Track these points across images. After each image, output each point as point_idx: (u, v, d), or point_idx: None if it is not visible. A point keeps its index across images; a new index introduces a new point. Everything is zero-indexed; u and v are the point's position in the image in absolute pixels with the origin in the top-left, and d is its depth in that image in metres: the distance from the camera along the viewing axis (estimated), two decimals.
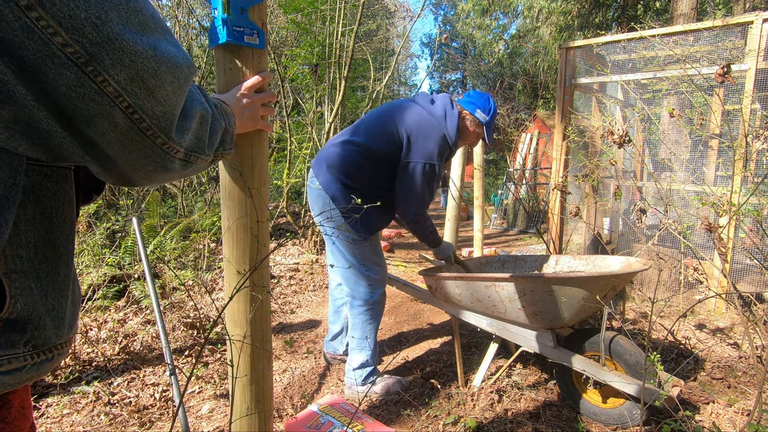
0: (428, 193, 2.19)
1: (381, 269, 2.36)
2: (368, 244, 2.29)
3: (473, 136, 2.32)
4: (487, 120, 2.26)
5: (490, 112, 2.26)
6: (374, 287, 2.32)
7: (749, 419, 1.63)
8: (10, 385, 0.64)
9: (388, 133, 2.14)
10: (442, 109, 2.20)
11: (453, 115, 2.19)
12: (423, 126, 2.13)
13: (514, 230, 8.80)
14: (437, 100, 2.25)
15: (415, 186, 2.13)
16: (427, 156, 2.11)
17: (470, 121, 2.27)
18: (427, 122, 2.14)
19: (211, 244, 4.69)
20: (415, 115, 2.16)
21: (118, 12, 0.57)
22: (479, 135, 2.32)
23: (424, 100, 2.25)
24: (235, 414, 1.17)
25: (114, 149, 0.65)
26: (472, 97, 2.29)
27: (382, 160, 2.16)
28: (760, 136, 2.15)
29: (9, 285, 0.61)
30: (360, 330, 2.34)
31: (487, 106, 2.26)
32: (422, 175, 2.12)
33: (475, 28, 22.45)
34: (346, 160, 2.18)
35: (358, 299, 2.32)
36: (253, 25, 1.05)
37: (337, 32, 5.32)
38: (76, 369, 2.49)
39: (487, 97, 2.29)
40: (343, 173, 2.18)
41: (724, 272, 2.63)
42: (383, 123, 2.19)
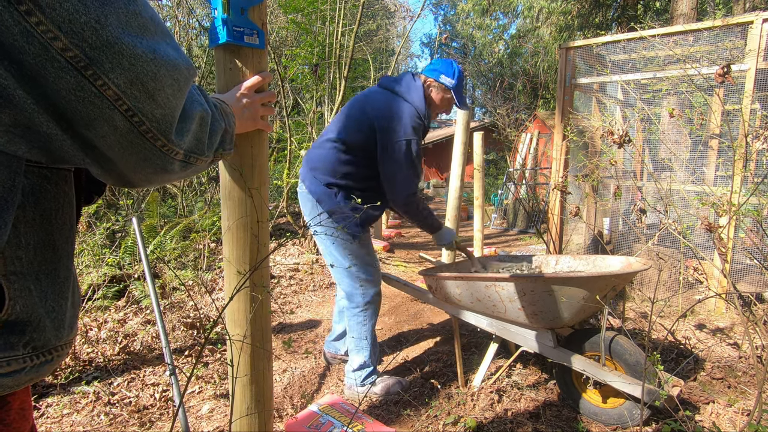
0: (413, 171, 2.15)
1: (373, 270, 2.34)
2: (358, 243, 2.27)
3: (444, 103, 2.30)
4: (453, 84, 2.24)
5: (455, 75, 2.23)
6: (366, 288, 2.31)
7: (749, 419, 1.63)
8: (9, 387, 0.64)
9: (360, 123, 2.15)
10: (405, 86, 2.20)
11: (417, 87, 2.19)
12: (391, 106, 2.13)
13: (514, 230, 8.81)
14: (401, 78, 2.25)
15: (397, 166, 2.11)
16: (401, 134, 2.09)
17: (437, 88, 2.26)
18: (394, 102, 2.15)
19: (211, 244, 4.69)
20: (381, 98, 2.17)
21: (118, 15, 0.57)
22: (450, 100, 2.30)
23: (387, 82, 2.26)
24: (235, 414, 1.17)
25: (114, 151, 0.65)
26: (434, 64, 2.27)
27: (360, 151, 2.16)
28: (760, 136, 2.15)
29: (8, 287, 0.61)
30: (356, 331, 2.34)
31: (450, 70, 2.24)
32: (402, 153, 2.10)
33: (475, 28, 22.45)
34: (327, 159, 2.19)
35: (352, 301, 2.32)
36: (253, 25, 1.05)
37: (337, 32, 5.32)
38: (76, 369, 2.49)
39: (450, 62, 2.27)
40: (326, 173, 2.19)
41: (724, 272, 2.63)
42: (354, 114, 2.19)
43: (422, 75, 2.27)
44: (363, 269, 2.29)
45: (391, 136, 2.10)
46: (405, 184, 2.16)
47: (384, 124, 2.10)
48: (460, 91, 2.28)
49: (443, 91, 2.26)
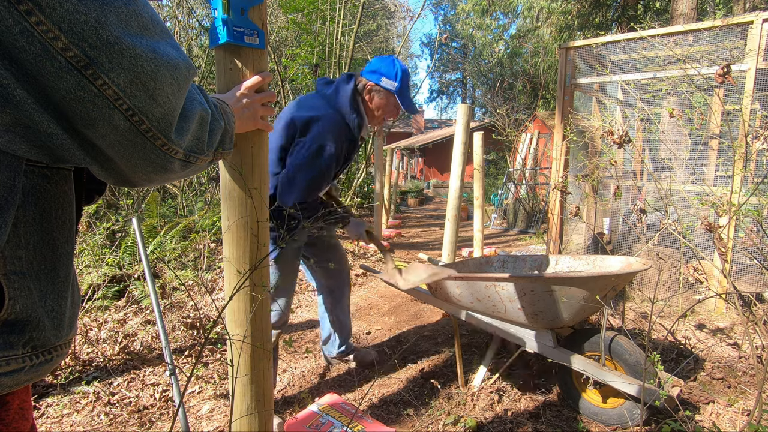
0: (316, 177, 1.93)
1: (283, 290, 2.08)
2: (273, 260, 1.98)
3: (388, 108, 2.08)
4: (396, 87, 2.02)
5: (396, 76, 2.02)
6: None
7: (749, 419, 1.63)
8: (8, 386, 0.64)
9: (286, 127, 1.98)
10: (334, 89, 2.03)
11: (346, 91, 2.00)
12: (313, 108, 1.97)
13: (514, 230, 8.81)
14: (334, 81, 2.09)
15: (295, 166, 1.91)
16: (315, 136, 1.91)
17: (378, 92, 2.05)
18: (318, 104, 1.99)
19: (211, 244, 4.69)
20: (308, 101, 2.03)
21: (117, 15, 0.57)
22: (395, 104, 2.07)
23: (319, 85, 2.10)
24: (235, 414, 1.17)
25: (114, 151, 0.65)
26: (373, 65, 2.07)
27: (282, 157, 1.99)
28: (760, 136, 2.15)
29: (8, 286, 0.61)
30: None
31: (392, 71, 2.02)
32: (309, 154, 1.90)
33: (475, 28, 22.47)
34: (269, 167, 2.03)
35: None
36: (253, 25, 1.05)
37: (337, 32, 5.33)
38: (76, 369, 2.50)
39: (391, 60, 2.06)
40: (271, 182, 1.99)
41: (724, 272, 2.64)
42: (283, 119, 2.02)
43: (361, 78, 2.07)
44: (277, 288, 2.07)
45: (305, 137, 1.93)
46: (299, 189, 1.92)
47: (303, 127, 1.94)
48: (405, 93, 2.07)
49: (386, 95, 2.05)
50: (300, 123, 1.94)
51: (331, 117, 1.96)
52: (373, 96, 2.07)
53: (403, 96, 2.07)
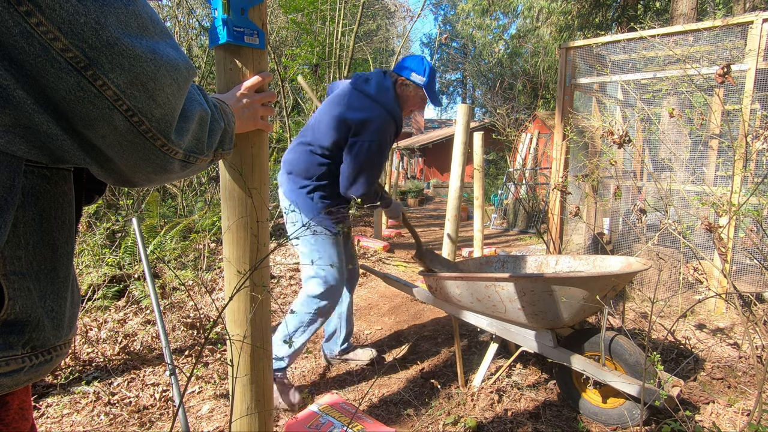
0: (374, 171, 2.16)
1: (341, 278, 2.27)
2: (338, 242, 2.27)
3: (416, 101, 2.29)
4: (425, 81, 2.23)
5: (425, 72, 2.22)
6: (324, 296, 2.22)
7: (749, 419, 1.63)
8: (8, 386, 0.64)
9: (332, 124, 2.15)
10: (375, 86, 2.19)
11: (386, 87, 2.19)
12: (361, 106, 2.13)
13: (514, 230, 8.81)
14: (371, 77, 2.24)
15: (359, 164, 2.11)
16: (372, 134, 2.10)
17: (408, 86, 2.25)
18: (364, 102, 2.15)
19: (211, 244, 4.69)
20: (352, 98, 2.17)
21: (117, 16, 0.57)
22: (422, 98, 2.29)
23: (357, 82, 2.25)
24: (235, 414, 1.17)
25: (114, 151, 0.65)
26: (405, 62, 2.27)
27: (335, 150, 2.17)
28: (760, 136, 2.15)
29: (7, 286, 0.61)
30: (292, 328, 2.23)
31: (421, 67, 2.23)
32: (366, 152, 2.10)
33: (475, 28, 22.46)
34: (302, 162, 2.21)
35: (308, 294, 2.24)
36: (253, 25, 1.05)
37: (337, 32, 5.33)
38: (76, 369, 2.50)
39: (420, 59, 2.26)
40: (303, 176, 2.20)
41: (724, 272, 2.63)
42: (326, 115, 2.20)
43: (393, 73, 2.27)
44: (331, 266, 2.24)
45: (359, 135, 2.11)
46: (363, 184, 2.15)
47: (354, 124, 2.11)
48: (432, 88, 2.27)
49: (415, 89, 2.26)
50: (354, 123, 2.11)
51: (382, 116, 2.13)
52: (403, 90, 2.26)
53: (430, 90, 2.26)
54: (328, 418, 1.99)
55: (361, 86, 2.22)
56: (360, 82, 2.24)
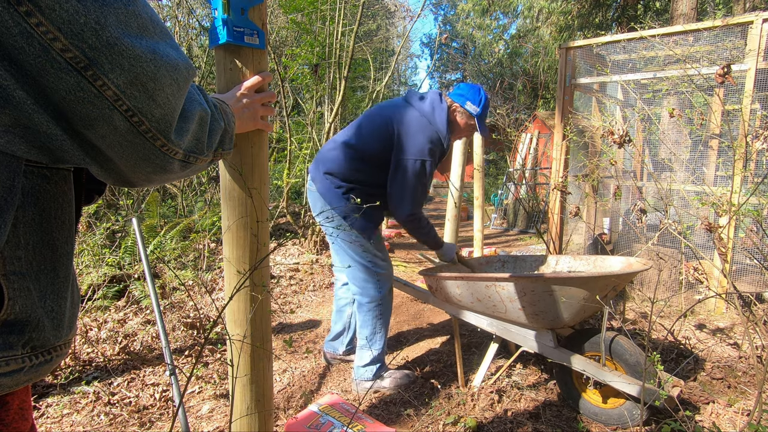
0: (421, 191, 2.17)
1: (387, 264, 2.37)
2: (373, 242, 2.29)
3: (466, 129, 2.31)
4: (478, 112, 2.24)
5: (480, 103, 2.24)
6: (382, 282, 2.33)
7: (749, 419, 1.63)
8: (8, 387, 0.64)
9: (381, 134, 2.16)
10: (430, 106, 2.20)
11: (442, 110, 2.19)
12: (413, 123, 2.14)
13: (514, 230, 8.80)
14: (426, 97, 2.25)
15: (406, 184, 2.13)
16: (418, 153, 2.10)
17: (461, 113, 2.26)
18: (417, 120, 2.15)
19: (211, 244, 4.69)
20: (405, 114, 2.18)
21: (117, 16, 0.57)
22: (472, 127, 2.30)
23: (413, 98, 2.26)
24: (235, 414, 1.17)
25: (114, 151, 0.65)
26: (462, 89, 2.27)
27: (377, 160, 2.17)
28: (760, 136, 2.15)
29: (7, 286, 0.61)
30: (371, 327, 2.35)
31: (477, 98, 2.24)
32: (413, 172, 2.11)
33: (475, 28, 22.45)
34: (343, 164, 2.20)
35: (367, 296, 2.32)
36: (253, 25, 1.05)
37: (337, 32, 5.32)
38: (76, 369, 2.50)
39: (478, 89, 2.27)
40: (340, 177, 2.20)
41: (724, 272, 2.63)
42: (375, 124, 2.20)
43: (448, 98, 2.28)
44: (380, 264, 2.32)
45: (407, 153, 2.11)
46: (410, 201, 2.16)
47: (404, 140, 2.12)
48: (483, 119, 2.27)
49: (467, 118, 2.26)
50: (404, 139, 2.12)
51: (432, 136, 2.14)
52: (455, 116, 2.27)
53: (481, 121, 2.27)
54: (328, 418, 1.99)
55: (416, 103, 2.22)
56: (415, 99, 2.24)
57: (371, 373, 2.36)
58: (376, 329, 2.36)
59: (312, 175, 2.32)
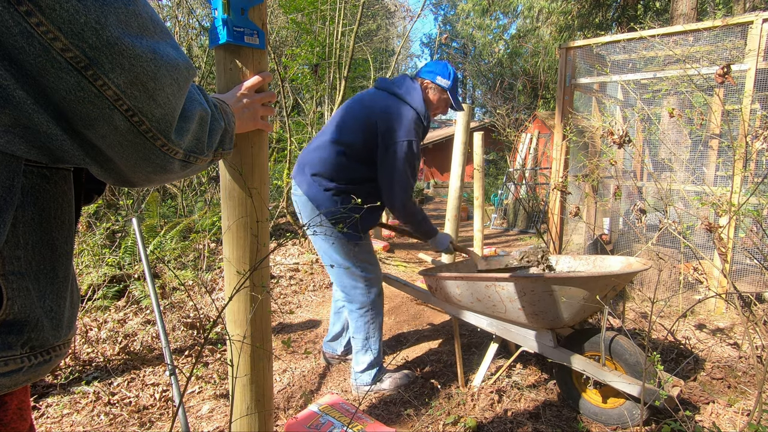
0: (411, 173, 2.17)
1: (375, 267, 2.36)
2: (364, 245, 2.29)
3: (440, 104, 2.34)
4: (449, 85, 2.29)
5: (449, 76, 2.28)
6: (370, 286, 2.32)
7: (749, 419, 1.63)
8: (6, 387, 0.64)
9: (363, 126, 2.15)
10: (404, 88, 2.23)
11: (416, 89, 2.22)
12: (391, 108, 2.15)
13: (514, 230, 8.81)
14: (399, 81, 2.28)
15: (396, 168, 2.12)
16: (403, 135, 2.11)
17: (433, 89, 2.30)
18: (394, 104, 2.17)
19: (211, 244, 4.69)
20: (383, 101, 2.18)
21: (117, 16, 0.57)
22: (446, 101, 2.33)
23: (387, 85, 2.28)
24: (235, 414, 1.17)
25: (114, 151, 0.65)
26: (430, 66, 2.32)
27: (361, 153, 2.17)
28: (760, 136, 2.15)
29: (6, 286, 0.61)
30: (363, 332, 2.35)
31: (446, 72, 2.29)
32: (401, 154, 2.11)
33: (475, 28, 22.45)
34: (328, 162, 2.18)
35: (356, 303, 2.32)
36: (253, 25, 1.05)
37: (337, 32, 5.33)
38: (76, 369, 2.49)
39: (445, 64, 2.32)
40: (327, 177, 2.18)
41: (724, 272, 2.63)
42: (356, 117, 2.20)
43: (419, 78, 2.31)
44: (367, 268, 2.30)
45: (393, 136, 2.11)
46: (402, 186, 2.16)
47: (387, 126, 2.12)
48: (455, 92, 2.32)
49: (440, 92, 2.30)
50: (384, 124, 2.12)
51: (411, 116, 2.16)
52: (428, 93, 2.30)
53: (453, 94, 2.31)
54: (328, 418, 1.99)
55: (390, 88, 2.24)
56: (387, 84, 2.27)
57: (370, 377, 2.36)
58: (369, 334, 2.35)
59: (297, 180, 2.28)
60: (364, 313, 2.33)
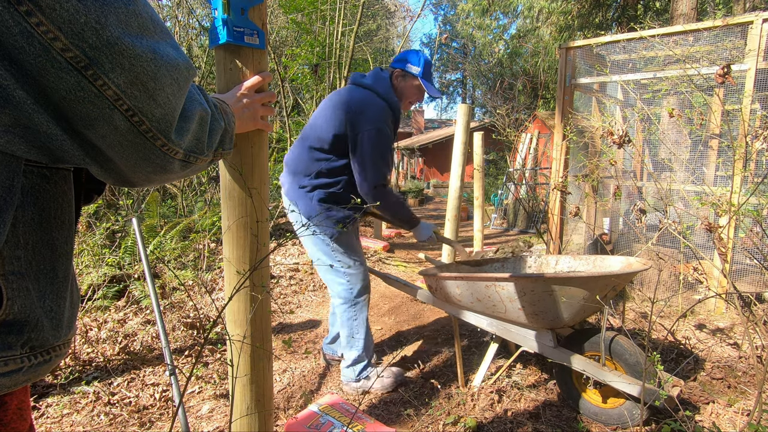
0: (381, 160, 2.17)
1: (356, 263, 2.35)
2: (342, 241, 2.29)
3: (413, 91, 2.33)
4: (420, 71, 2.28)
5: (420, 62, 2.28)
6: (353, 282, 2.33)
7: (749, 419, 1.63)
8: (6, 387, 0.64)
9: (333, 119, 2.17)
10: (372, 79, 2.25)
11: (383, 79, 2.25)
12: (359, 99, 2.17)
13: (514, 230, 8.81)
14: (368, 73, 2.31)
15: (365, 154, 2.13)
16: (371, 122, 2.12)
17: (404, 77, 2.30)
18: (361, 95, 2.19)
19: (211, 244, 4.69)
20: (352, 94, 2.21)
21: (117, 16, 0.57)
22: (419, 88, 2.32)
23: (355, 78, 2.30)
24: (235, 414, 1.17)
25: (114, 151, 0.65)
26: (401, 55, 2.34)
27: (332, 147, 2.19)
28: (760, 136, 2.15)
29: (6, 286, 0.61)
30: (348, 329, 2.36)
31: (416, 58, 2.29)
32: (370, 141, 2.11)
33: (475, 28, 22.45)
34: (302, 160, 2.23)
35: (340, 298, 2.34)
36: (253, 25, 1.05)
37: (337, 32, 5.33)
38: (76, 369, 2.49)
39: (417, 52, 2.33)
40: (301, 174, 2.23)
41: (724, 272, 2.63)
42: (323, 112, 2.23)
43: (390, 67, 2.34)
44: (344, 264, 2.30)
45: (361, 125, 2.12)
46: (373, 171, 2.16)
47: (355, 116, 2.13)
48: (428, 77, 2.31)
49: (411, 79, 2.30)
50: (351, 113, 2.13)
51: (378, 104, 2.17)
52: (400, 81, 2.31)
53: (426, 79, 2.30)
54: (328, 418, 1.99)
55: (358, 80, 2.27)
56: (356, 78, 2.29)
57: (355, 373, 2.37)
58: (353, 331, 2.36)
59: (282, 181, 2.35)
60: (347, 308, 2.34)
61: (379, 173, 2.17)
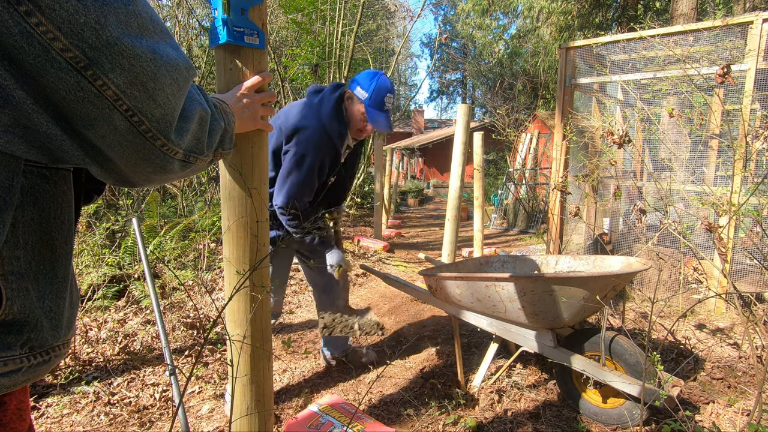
0: (297, 187, 2.01)
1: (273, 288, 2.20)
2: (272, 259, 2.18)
3: (360, 117, 2.06)
4: (366, 97, 1.99)
5: (370, 87, 1.99)
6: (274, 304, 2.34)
7: (749, 419, 1.63)
8: (6, 387, 0.64)
9: (278, 131, 2.07)
10: (319, 98, 2.08)
11: (329, 100, 2.05)
12: (299, 116, 2.03)
13: (514, 230, 8.81)
14: (322, 89, 2.14)
15: (284, 173, 2.01)
16: (298, 144, 1.99)
17: (352, 100, 2.06)
18: (302, 112, 2.04)
19: (211, 244, 4.69)
20: (295, 108, 2.10)
21: (117, 16, 0.57)
22: (364, 114, 2.04)
23: (309, 91, 2.15)
24: (235, 414, 1.17)
25: (113, 151, 0.65)
26: (359, 75, 2.07)
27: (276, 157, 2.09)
28: (760, 136, 2.15)
29: (6, 286, 0.61)
30: None
31: (368, 82, 2.00)
32: (291, 162, 1.99)
33: (475, 28, 22.45)
34: None
35: None
36: (253, 25, 1.05)
37: (337, 32, 5.33)
38: (76, 369, 2.49)
39: (374, 73, 2.05)
40: None
41: (724, 272, 2.64)
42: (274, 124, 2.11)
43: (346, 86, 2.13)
44: None
45: (290, 143, 2.02)
46: (285, 193, 2.01)
47: (291, 132, 2.02)
48: (376, 105, 2.01)
49: (358, 104, 2.05)
50: (286, 131, 2.03)
51: (314, 128, 2.01)
52: (349, 104, 2.09)
53: (372, 108, 2.01)
54: (328, 418, 1.99)
55: (310, 96, 2.12)
56: (310, 92, 2.13)
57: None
58: None
59: None
60: None
61: (288, 197, 2.00)
